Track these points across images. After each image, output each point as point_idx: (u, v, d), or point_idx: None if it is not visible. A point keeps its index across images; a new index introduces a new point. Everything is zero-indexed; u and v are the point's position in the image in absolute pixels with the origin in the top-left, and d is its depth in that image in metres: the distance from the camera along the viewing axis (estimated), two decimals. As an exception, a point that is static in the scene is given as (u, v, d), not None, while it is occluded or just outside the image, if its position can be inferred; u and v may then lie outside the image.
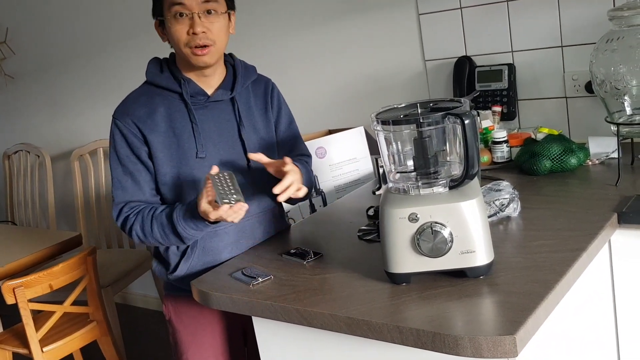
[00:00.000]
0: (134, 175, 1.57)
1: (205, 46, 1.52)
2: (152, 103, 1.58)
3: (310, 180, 1.70)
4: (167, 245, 1.60)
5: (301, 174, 1.57)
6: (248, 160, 1.64)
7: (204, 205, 1.43)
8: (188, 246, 1.60)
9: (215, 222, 1.48)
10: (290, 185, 1.49)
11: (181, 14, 1.50)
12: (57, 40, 3.43)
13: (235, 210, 1.42)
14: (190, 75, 1.60)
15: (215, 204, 1.42)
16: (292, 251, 1.54)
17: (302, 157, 1.75)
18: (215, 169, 1.46)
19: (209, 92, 1.62)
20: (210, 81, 1.62)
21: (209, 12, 1.52)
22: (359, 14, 2.39)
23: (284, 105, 1.75)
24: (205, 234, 1.57)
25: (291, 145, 1.75)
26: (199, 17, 1.50)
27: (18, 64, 3.68)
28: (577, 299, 1.34)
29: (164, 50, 1.66)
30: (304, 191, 1.53)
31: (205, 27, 1.51)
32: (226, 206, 1.40)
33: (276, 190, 1.48)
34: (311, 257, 1.48)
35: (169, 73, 1.60)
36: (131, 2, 2.99)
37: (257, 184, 1.66)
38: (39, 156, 3.46)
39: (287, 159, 1.52)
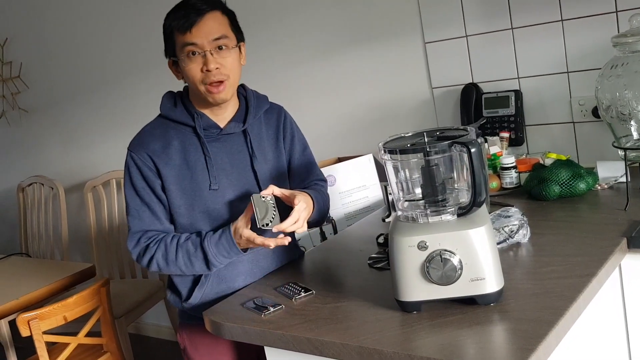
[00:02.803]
0: (150, 205, 1.60)
1: (220, 82, 1.56)
2: (167, 136, 1.62)
3: (325, 205, 1.71)
4: (188, 274, 1.62)
5: (313, 202, 1.59)
6: (260, 191, 1.66)
7: (248, 232, 1.51)
8: (202, 274, 1.62)
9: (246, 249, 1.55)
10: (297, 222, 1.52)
11: (194, 53, 1.54)
12: (70, 74, 3.49)
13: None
14: (203, 109, 1.63)
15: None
16: (287, 287, 1.53)
17: (318, 183, 1.77)
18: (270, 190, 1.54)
19: (222, 124, 1.64)
20: (223, 114, 1.64)
21: (220, 47, 1.55)
22: (366, 44, 2.42)
23: (297, 132, 1.77)
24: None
25: (307, 172, 1.77)
26: (211, 54, 1.54)
27: (32, 98, 3.75)
28: (588, 324, 1.34)
29: (175, 83, 1.69)
30: (304, 228, 1.56)
31: (218, 63, 1.54)
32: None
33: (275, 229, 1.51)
34: (301, 295, 1.47)
35: (183, 107, 1.63)
36: (143, 36, 3.05)
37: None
38: (52, 188, 3.50)
39: (298, 195, 1.54)
